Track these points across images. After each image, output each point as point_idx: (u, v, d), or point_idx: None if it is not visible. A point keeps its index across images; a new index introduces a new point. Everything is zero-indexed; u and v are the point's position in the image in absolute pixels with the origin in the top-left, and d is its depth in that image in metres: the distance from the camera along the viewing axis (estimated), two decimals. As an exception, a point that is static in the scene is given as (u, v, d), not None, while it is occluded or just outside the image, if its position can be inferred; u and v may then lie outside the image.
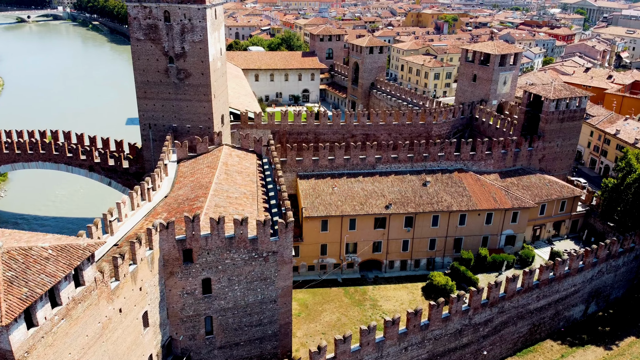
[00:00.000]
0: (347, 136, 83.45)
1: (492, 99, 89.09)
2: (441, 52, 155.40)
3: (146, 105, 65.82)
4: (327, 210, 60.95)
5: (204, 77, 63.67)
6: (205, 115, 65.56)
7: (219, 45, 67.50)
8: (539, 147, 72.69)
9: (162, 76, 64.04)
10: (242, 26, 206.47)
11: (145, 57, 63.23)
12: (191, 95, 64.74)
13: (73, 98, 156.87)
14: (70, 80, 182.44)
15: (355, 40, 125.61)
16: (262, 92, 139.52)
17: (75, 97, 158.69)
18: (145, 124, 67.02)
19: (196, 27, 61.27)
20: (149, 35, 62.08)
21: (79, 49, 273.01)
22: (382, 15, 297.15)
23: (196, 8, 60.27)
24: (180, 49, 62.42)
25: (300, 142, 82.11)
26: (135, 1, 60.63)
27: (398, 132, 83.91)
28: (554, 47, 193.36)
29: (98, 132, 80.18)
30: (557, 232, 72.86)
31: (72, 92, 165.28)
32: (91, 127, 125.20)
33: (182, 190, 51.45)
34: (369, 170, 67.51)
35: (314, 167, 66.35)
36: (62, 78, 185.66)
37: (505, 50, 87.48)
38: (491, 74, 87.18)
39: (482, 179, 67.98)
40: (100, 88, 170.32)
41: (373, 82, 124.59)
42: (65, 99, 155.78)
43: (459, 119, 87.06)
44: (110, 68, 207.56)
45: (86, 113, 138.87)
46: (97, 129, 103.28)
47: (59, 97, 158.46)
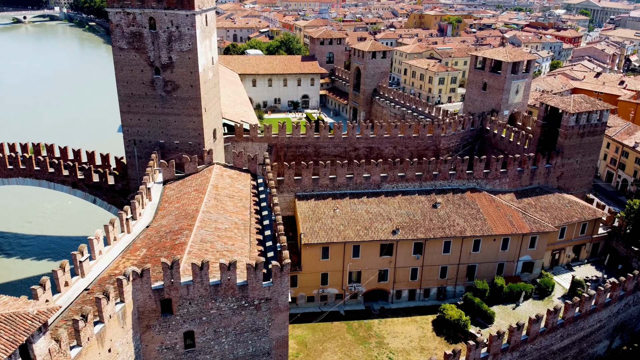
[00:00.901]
0: (350, 149, 77.95)
1: (503, 109, 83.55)
2: (446, 56, 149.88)
3: (130, 120, 60.32)
4: (328, 236, 55.42)
5: (193, 90, 58.17)
6: (195, 130, 60.07)
7: (211, 54, 61.99)
8: (557, 164, 67.15)
9: (148, 88, 58.53)
10: (240, 28, 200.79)
11: (128, 67, 57.71)
12: (179, 109, 59.24)
13: (64, 103, 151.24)
14: (63, 84, 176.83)
15: (357, 45, 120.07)
16: (259, 98, 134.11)
17: (67, 102, 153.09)
18: (130, 140, 61.52)
19: (184, 35, 55.76)
20: (133, 44, 56.58)
21: (74, 51, 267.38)
22: (384, 16, 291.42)
23: (184, 14, 54.78)
24: (167, 59, 56.91)
25: (299, 156, 76.72)
26: (117, 6, 55.13)
27: (404, 145, 78.41)
28: (561, 50, 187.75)
29: (88, 140, 75.11)
30: (577, 256, 67.37)
31: (64, 96, 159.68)
32: (81, 135, 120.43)
33: (165, 219, 45.93)
34: (373, 190, 61.98)
35: (313, 187, 60.82)
36: (55, 82, 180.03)
37: (518, 57, 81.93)
38: (503, 82, 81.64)
39: (497, 199, 62.44)
40: (93, 92, 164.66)
41: (376, 88, 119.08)
42: (56, 104, 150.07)
43: (468, 131, 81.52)
44: (104, 71, 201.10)
45: (77, 119, 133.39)
46: (86, 137, 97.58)
47: (49, 102, 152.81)
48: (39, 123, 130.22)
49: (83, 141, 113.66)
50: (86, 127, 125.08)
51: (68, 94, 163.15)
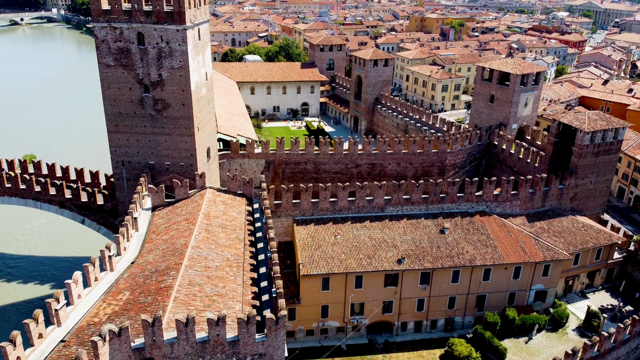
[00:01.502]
0: (351, 166, 74.38)
1: (512, 122, 79.96)
2: (449, 62, 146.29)
3: (118, 141, 56.69)
4: (329, 266, 51.82)
5: (185, 109, 54.56)
6: (187, 151, 56.47)
7: (204, 69, 58.40)
8: (570, 185, 63.55)
9: (137, 107, 54.92)
10: (239, 32, 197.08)
11: (116, 85, 54.11)
12: (170, 129, 55.63)
13: (58, 109, 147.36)
14: (57, 88, 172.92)
15: (358, 53, 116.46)
16: (258, 106, 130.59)
17: (61, 107, 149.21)
18: (118, 161, 57.91)
19: (175, 51, 52.17)
20: (120, 60, 52.97)
21: (71, 54, 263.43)
22: (384, 19, 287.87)
23: (175, 29, 51.18)
24: (156, 76, 53.31)
25: (298, 173, 73.22)
26: (102, 21, 51.52)
27: (408, 162, 74.83)
28: (566, 55, 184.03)
29: (81, 148, 71.06)
30: (591, 282, 63.78)
31: (58, 102, 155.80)
32: (74, 142, 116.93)
33: (152, 254, 42.32)
34: (377, 213, 58.37)
35: (313, 211, 57.20)
36: (49, 86, 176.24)
37: (527, 69, 78.32)
38: (511, 95, 78.04)
39: (508, 224, 58.83)
40: (89, 97, 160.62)
41: (377, 97, 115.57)
42: (49, 110, 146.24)
43: (475, 146, 77.92)
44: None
45: (70, 127, 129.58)
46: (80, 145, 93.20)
47: (42, 108, 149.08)
48: (30, 131, 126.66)
49: (76, 150, 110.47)
50: (79, 134, 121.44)
51: (62, 99, 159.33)
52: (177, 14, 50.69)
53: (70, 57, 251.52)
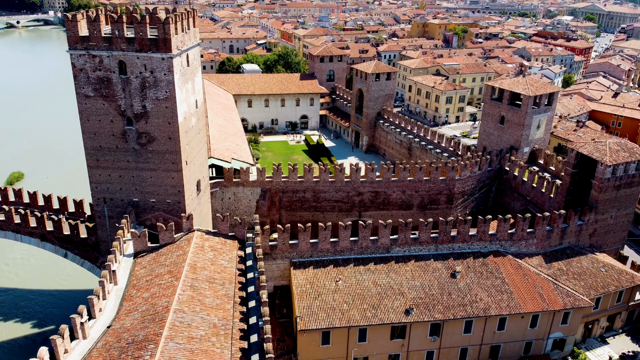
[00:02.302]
0: (353, 194, 69.62)
1: (523, 146, 75.23)
2: (453, 73, 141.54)
3: (99, 176, 51.96)
4: (330, 319, 47.09)
5: (171, 142, 49.83)
6: (174, 187, 51.73)
7: (194, 97, 53.66)
8: (590, 221, 58.82)
9: (119, 141, 50.20)
10: (237, 38, 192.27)
11: (96, 117, 49.39)
12: (156, 164, 50.90)
13: (48, 121, 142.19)
14: (51, 95, 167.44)
15: (359, 66, 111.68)
16: (255, 119, 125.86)
17: (51, 119, 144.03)
18: (99, 198, 53.19)
19: (160, 81, 47.44)
20: (100, 90, 48.27)
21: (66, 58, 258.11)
22: (386, 22, 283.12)
23: (160, 58, 46.45)
24: (140, 107, 48.59)
25: (296, 201, 68.53)
26: (80, 48, 46.81)
27: (414, 190, 70.09)
28: (572, 63, 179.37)
29: (70, 163, 65.98)
30: (610, 324, 59.05)
31: (48, 112, 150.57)
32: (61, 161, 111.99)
33: (130, 318, 37.58)
34: (382, 254, 53.65)
35: (312, 252, 52.47)
36: (43, 93, 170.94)
37: (540, 89, 73.58)
38: (523, 117, 73.30)
39: (524, 265, 54.09)
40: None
41: (379, 112, 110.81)
42: (38, 123, 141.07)
43: (485, 172, 73.18)
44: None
45: (59, 141, 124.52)
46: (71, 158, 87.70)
47: (34, 118, 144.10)
48: (21, 144, 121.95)
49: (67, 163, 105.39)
50: (68, 150, 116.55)
51: (56, 106, 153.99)
52: (162, 42, 45.99)
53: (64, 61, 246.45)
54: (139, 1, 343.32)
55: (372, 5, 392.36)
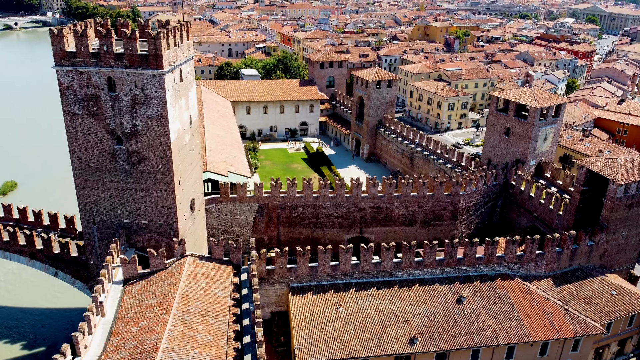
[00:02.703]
0: (354, 210, 67.21)
1: (530, 159, 72.81)
2: (455, 78, 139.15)
3: (88, 197, 49.59)
4: (330, 350, 44.70)
5: (163, 162, 47.43)
6: (167, 208, 49.33)
7: (187, 113, 51.26)
8: (601, 241, 56.42)
9: (108, 161, 47.82)
10: (236, 42, 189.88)
11: (84, 136, 47.01)
12: (147, 185, 48.51)
13: (45, 126, 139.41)
14: (46, 100, 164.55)
15: (360, 73, 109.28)
16: (254, 126, 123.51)
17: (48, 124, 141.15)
18: (88, 220, 50.83)
19: (151, 98, 45.04)
20: (89, 108, 45.89)
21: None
22: (386, 25, 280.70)
23: (150, 74, 44.05)
24: (130, 126, 46.19)
25: (295, 217, 66.20)
26: (67, 64, 44.41)
27: (417, 205, 67.68)
28: (576, 67, 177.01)
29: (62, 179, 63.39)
30: (621, 348, 56.70)
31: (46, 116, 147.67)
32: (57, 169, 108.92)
33: (116, 356, 35.17)
34: (385, 278, 51.26)
35: (311, 277, 50.07)
36: (38, 97, 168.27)
37: (547, 101, 71.20)
38: (530, 130, 70.90)
39: (532, 290, 51.70)
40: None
41: (380, 120, 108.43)
42: (34, 128, 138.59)
43: (491, 186, 70.77)
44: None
45: (56, 147, 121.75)
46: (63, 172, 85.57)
47: (27, 126, 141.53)
48: (15, 152, 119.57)
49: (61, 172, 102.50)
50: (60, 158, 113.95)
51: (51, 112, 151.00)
52: (153, 57, 43.58)
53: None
54: (138, 3, 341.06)
55: (372, 6, 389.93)
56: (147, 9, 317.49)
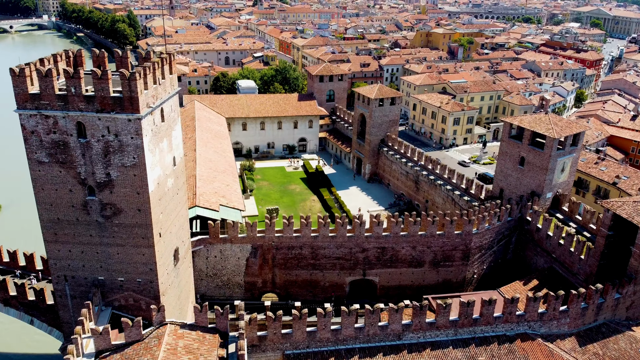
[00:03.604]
0: (356, 250, 61.69)
1: (546, 191, 67.34)
2: (460, 91, 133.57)
3: (58, 252, 44.10)
4: None
5: (141, 215, 41.91)
6: (146, 265, 43.81)
7: (171, 155, 45.77)
8: (628, 293, 50.98)
9: (80, 213, 42.31)
10: (233, 50, 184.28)
11: (52, 186, 41.52)
12: (123, 239, 43.02)
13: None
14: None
15: (361, 90, 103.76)
16: (250, 142, 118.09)
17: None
18: (60, 276, 45.32)
19: (127, 145, 39.54)
20: (56, 156, 40.39)
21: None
22: (387, 29, 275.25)
23: (125, 119, 38.55)
24: (103, 175, 40.69)
25: (292, 259, 60.78)
26: (30, 108, 38.88)
27: (425, 245, 62.17)
28: (584, 77, 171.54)
29: None
30: (654, 410, 51.15)
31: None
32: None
33: None
34: (392, 341, 45.76)
35: (309, 342, 44.58)
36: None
37: (565, 129, 65.70)
38: (547, 161, 65.37)
39: (556, 352, 46.29)
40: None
41: (383, 138, 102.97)
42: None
43: (505, 222, 65.27)
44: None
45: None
46: None
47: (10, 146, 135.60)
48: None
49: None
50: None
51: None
52: (127, 100, 38.07)
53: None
54: (135, 6, 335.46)
55: (372, 9, 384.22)
56: (143, 12, 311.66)
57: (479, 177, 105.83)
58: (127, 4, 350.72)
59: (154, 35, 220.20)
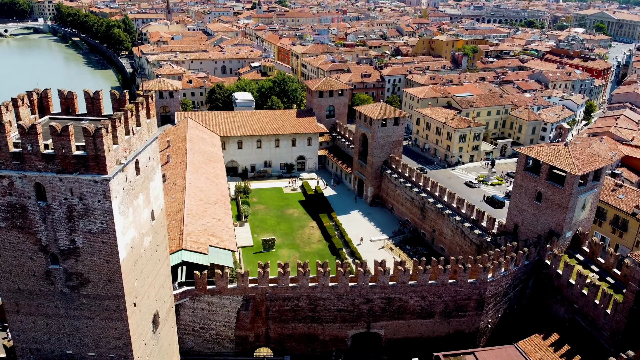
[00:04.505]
0: (359, 302, 56.04)
1: (565, 231, 61.74)
2: (466, 105, 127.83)
3: (21, 324, 38.65)
4: None
5: (111, 285, 36.37)
6: (119, 340, 38.32)
7: (149, 209, 40.20)
8: (668, 360, 45.27)
9: (42, 283, 36.81)
10: (230, 59, 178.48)
11: (10, 253, 36.03)
12: (93, 312, 37.53)
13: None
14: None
15: (363, 109, 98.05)
16: (246, 161, 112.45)
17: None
18: (24, 349, 39.74)
19: (93, 209, 33.97)
20: (13, 220, 34.91)
21: (50, 73, 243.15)
22: (388, 34, 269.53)
23: (91, 180, 32.97)
24: (67, 242, 35.17)
25: (288, 311, 55.26)
26: (-20, 167, 33.28)
27: (436, 295, 56.54)
28: (592, 88, 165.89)
29: None
30: None
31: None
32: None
33: None
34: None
35: None
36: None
37: (587, 165, 60.04)
38: (567, 199, 59.77)
39: None
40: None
41: (386, 160, 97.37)
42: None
43: (522, 266, 59.67)
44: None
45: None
46: None
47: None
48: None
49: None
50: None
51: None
52: (92, 159, 32.54)
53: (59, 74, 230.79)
54: (131, 10, 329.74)
55: (373, 12, 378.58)
56: (140, 16, 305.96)
57: (487, 200, 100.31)
58: (124, 8, 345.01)
59: (149, 42, 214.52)
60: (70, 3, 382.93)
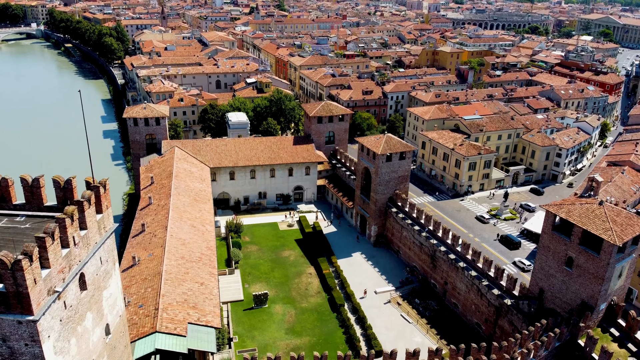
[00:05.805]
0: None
1: (600, 303, 53.60)
2: (475, 130, 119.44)
3: None
4: None
5: None
6: None
7: (102, 325, 32.08)
8: None
9: None
10: (225, 73, 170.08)
11: None
12: None
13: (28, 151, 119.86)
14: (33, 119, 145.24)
15: (366, 141, 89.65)
16: (239, 192, 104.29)
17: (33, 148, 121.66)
18: None
19: (20, 354, 25.79)
20: None
21: (42, 81, 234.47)
22: (390, 42, 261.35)
23: (14, 321, 24.76)
24: (-12, 392, 26.84)
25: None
26: None
27: (451, 387, 48.26)
28: (606, 105, 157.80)
29: None
30: None
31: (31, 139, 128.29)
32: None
33: None
34: None
35: None
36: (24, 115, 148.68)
37: (628, 231, 51.85)
38: (604, 269, 51.63)
39: None
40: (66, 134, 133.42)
41: (392, 197, 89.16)
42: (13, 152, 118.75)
43: (552, 349, 51.43)
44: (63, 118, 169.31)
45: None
46: None
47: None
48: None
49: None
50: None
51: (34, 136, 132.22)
52: (14, 298, 24.29)
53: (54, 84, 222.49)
54: (125, 16, 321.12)
55: (373, 17, 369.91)
56: (134, 22, 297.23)
57: (501, 240, 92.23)
58: (118, 13, 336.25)
59: (142, 53, 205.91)
60: (63, 8, 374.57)
